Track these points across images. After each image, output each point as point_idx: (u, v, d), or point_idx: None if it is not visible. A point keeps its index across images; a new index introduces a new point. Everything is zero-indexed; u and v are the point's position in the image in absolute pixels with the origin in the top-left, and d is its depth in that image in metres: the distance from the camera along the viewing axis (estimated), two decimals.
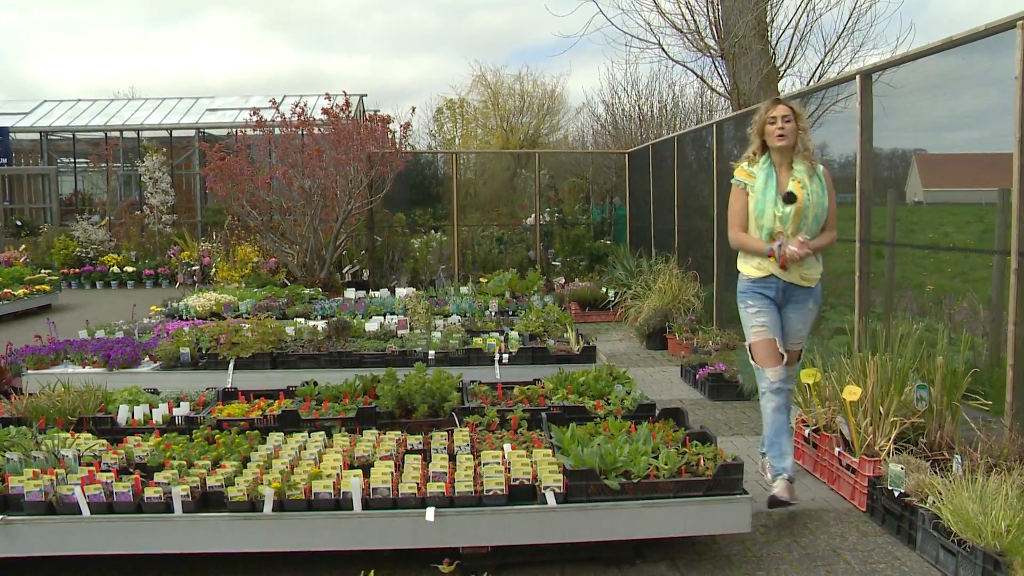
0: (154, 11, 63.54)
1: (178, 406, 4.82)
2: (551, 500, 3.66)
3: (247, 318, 8.61)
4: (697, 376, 6.88)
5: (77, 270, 15.72)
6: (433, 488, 3.64)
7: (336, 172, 11.20)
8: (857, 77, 5.74)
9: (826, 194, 4.40)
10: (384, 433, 4.37)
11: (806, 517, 4.43)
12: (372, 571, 3.34)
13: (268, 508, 3.58)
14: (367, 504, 3.62)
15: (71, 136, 20.18)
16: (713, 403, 6.62)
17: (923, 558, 3.88)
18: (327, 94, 11.54)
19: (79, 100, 21.26)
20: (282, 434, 4.37)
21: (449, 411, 4.68)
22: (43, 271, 13.55)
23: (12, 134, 19.16)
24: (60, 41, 61.46)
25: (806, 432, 5.13)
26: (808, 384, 5.06)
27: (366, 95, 12.72)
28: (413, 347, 6.61)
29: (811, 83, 9.71)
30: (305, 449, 4.13)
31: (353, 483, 3.59)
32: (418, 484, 3.66)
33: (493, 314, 8.39)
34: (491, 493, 3.66)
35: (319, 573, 3.75)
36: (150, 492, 3.60)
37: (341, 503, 3.63)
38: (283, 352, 6.56)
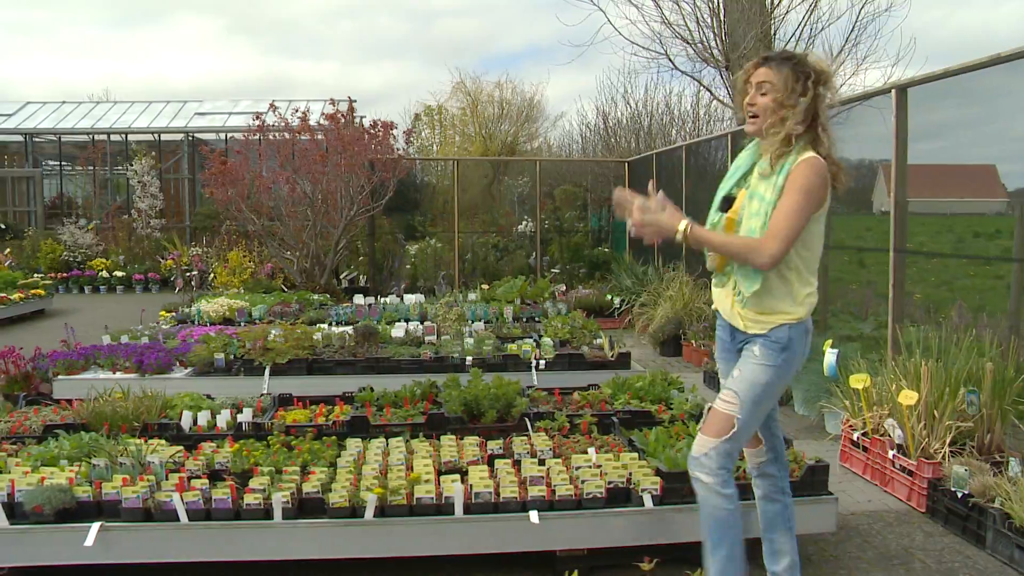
0: (119, 13, 62.53)
1: (240, 412, 4.79)
2: (648, 502, 3.73)
3: (259, 323, 8.57)
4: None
5: (65, 274, 15.41)
6: (534, 492, 3.69)
7: (339, 178, 11.16)
8: (893, 91, 5.90)
9: (775, 197, 2.86)
10: (461, 438, 4.40)
11: (867, 518, 4.55)
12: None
13: (370, 514, 3.59)
14: (468, 509, 3.65)
15: (56, 139, 19.78)
16: None
17: (995, 557, 4.00)
18: (332, 99, 11.50)
19: (63, 102, 20.85)
20: (359, 439, 4.37)
21: (518, 416, 4.71)
22: (35, 275, 13.28)
23: None
24: (22, 42, 60.15)
25: (854, 436, 5.26)
26: (857, 389, 5.21)
27: (355, 100, 12.67)
28: (449, 353, 6.63)
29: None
30: (389, 455, 4.14)
31: (456, 488, 3.62)
32: (517, 488, 3.70)
33: (513, 321, 8.44)
34: (590, 496, 3.72)
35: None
36: (249, 499, 3.59)
37: (442, 508, 3.65)
38: (319, 358, 6.53)
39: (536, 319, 8.76)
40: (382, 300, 9.95)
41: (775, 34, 9.89)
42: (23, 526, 3.55)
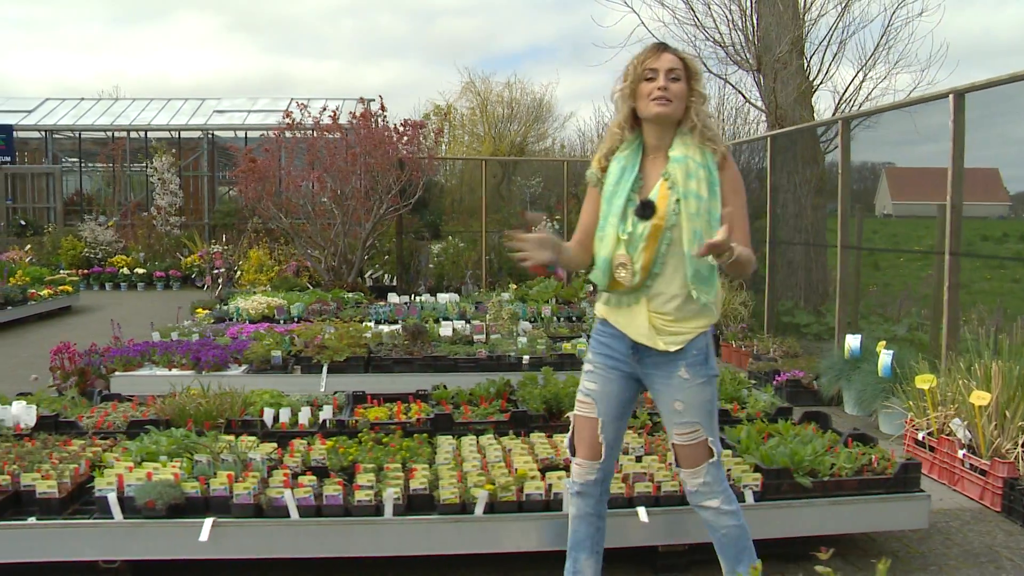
0: (120, 11, 62.42)
1: (320, 409, 4.83)
2: (750, 498, 3.79)
3: (299, 321, 8.60)
4: (775, 382, 7.06)
5: (86, 271, 15.36)
6: (640, 488, 3.74)
7: (369, 176, 11.20)
8: (951, 96, 5.97)
9: (718, 199, 2.79)
10: (550, 436, 4.44)
11: (943, 516, 4.61)
12: None
13: (480, 510, 3.63)
14: None
15: (76, 135, 19.71)
16: (794, 408, 6.80)
17: None
18: (361, 98, 11.53)
19: (82, 99, 20.81)
20: (450, 437, 4.41)
21: None
22: (62, 272, 13.26)
23: (15, 132, 18.66)
24: (25, 39, 59.98)
25: (919, 436, 5.34)
26: (922, 389, 5.29)
27: (374, 99, 12.70)
28: (505, 352, 6.67)
29: (850, 97, 10.05)
30: (485, 453, 4.18)
31: (564, 484, 3.66)
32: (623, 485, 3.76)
33: (560, 320, 8.51)
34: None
35: (523, 574, 3.80)
36: (360, 495, 3.62)
37: (550, 504, 3.69)
38: (376, 356, 6.57)
39: (574, 319, 8.82)
40: (417, 299, 9.99)
41: (807, 34, 9.98)
42: (136, 520, 3.57)
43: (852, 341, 6.58)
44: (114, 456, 4.09)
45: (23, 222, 17.63)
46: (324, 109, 11.64)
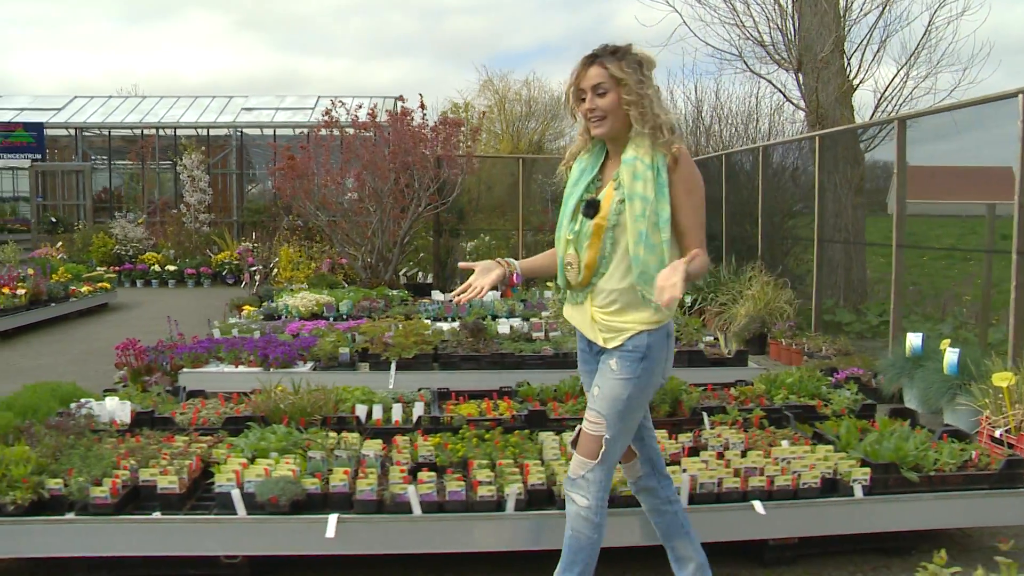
0: (130, 9, 62.52)
1: (411, 406, 4.88)
2: (859, 492, 3.84)
3: (347, 318, 8.65)
4: (833, 380, 7.10)
5: (117, 268, 15.40)
6: (754, 482, 3.79)
7: (407, 174, 11.25)
8: (1020, 96, 6.02)
9: (666, 200, 2.77)
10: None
11: None
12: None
13: None
14: (691, 499, 3.75)
15: (106, 133, 19.75)
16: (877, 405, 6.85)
17: None
18: (400, 96, 11.60)
19: (110, 96, 20.87)
20: (551, 433, 4.47)
21: (691, 409, 4.82)
22: (99, 269, 13.32)
23: (46, 130, 18.70)
24: (36, 37, 60.07)
25: (997, 433, 5.39)
26: (1000, 387, 5.34)
27: (400, 97, 12.79)
28: (572, 349, 6.71)
29: (890, 96, 10.10)
30: None
31: (683, 478, 3.72)
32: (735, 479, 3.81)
33: None
34: (805, 486, 3.83)
35: (636, 567, 3.86)
36: (483, 491, 3.68)
37: None
38: (444, 353, 6.62)
39: None
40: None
41: (847, 32, 10.03)
42: (260, 516, 3.62)
43: (914, 339, 6.63)
44: (223, 452, 4.14)
45: (54, 219, 17.69)
46: (360, 107, 11.68)
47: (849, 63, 10.15)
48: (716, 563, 3.87)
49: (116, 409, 4.84)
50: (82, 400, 4.86)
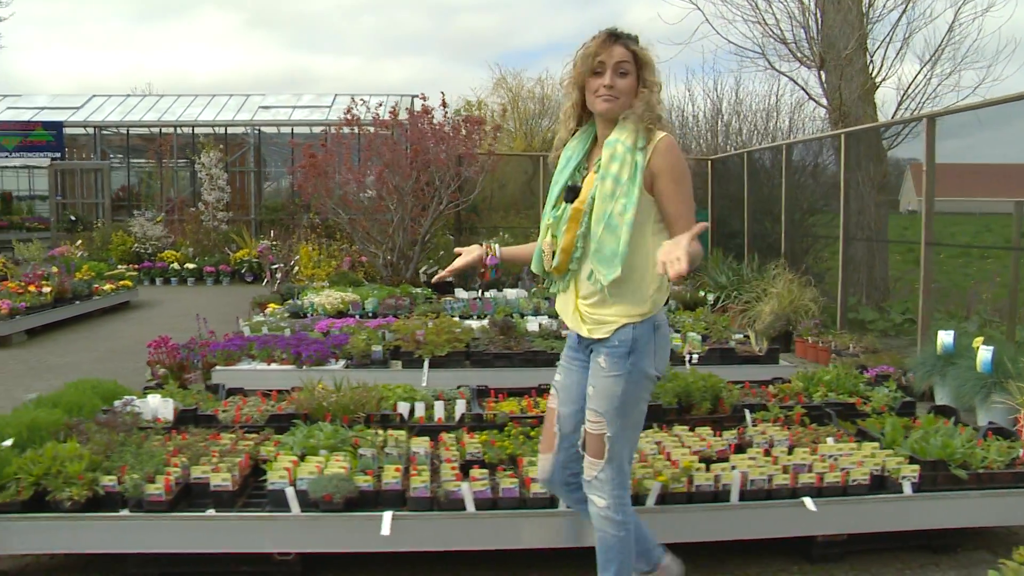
0: (141, 8, 62.79)
1: (452, 403, 4.90)
2: (908, 489, 3.86)
3: (373, 316, 8.69)
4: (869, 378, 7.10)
5: (136, 266, 15.46)
6: (804, 479, 3.81)
7: (428, 172, 11.27)
8: None
9: (637, 185, 2.72)
10: (692, 429, 4.51)
11: None
12: None
13: (651, 501, 3.71)
14: (741, 496, 3.77)
15: (124, 131, 19.82)
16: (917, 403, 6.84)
17: None
18: (422, 94, 11.61)
19: (128, 95, 20.95)
20: None
21: (732, 407, 4.84)
22: (121, 267, 13.38)
23: (64, 129, 18.78)
24: (47, 36, 60.37)
25: None
26: None
27: (417, 96, 12.80)
28: None
29: (913, 93, 10.08)
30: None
31: (734, 475, 3.75)
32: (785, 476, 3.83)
33: None
34: (855, 483, 3.85)
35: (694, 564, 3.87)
36: (536, 488, 3.69)
37: (719, 495, 3.77)
38: (476, 351, 6.64)
39: None
40: (485, 294, 10.07)
41: (870, 29, 10.02)
42: (314, 514, 3.64)
43: (945, 337, 6.63)
44: (271, 450, 4.17)
45: (73, 217, 17.76)
46: (380, 105, 11.71)
47: (872, 60, 10.14)
48: (764, 559, 3.92)
49: (159, 406, 4.87)
50: (127, 398, 4.90)
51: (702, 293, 10.46)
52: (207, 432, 4.48)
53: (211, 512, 3.67)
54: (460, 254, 3.23)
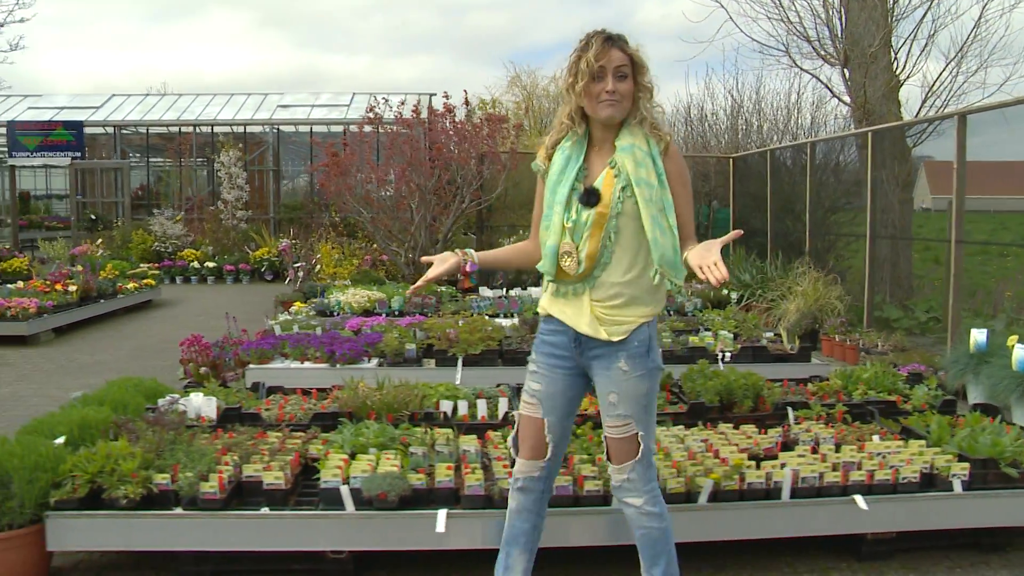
0: (153, 8, 63.08)
1: (494, 401, 4.92)
2: (958, 487, 3.87)
3: (400, 314, 8.72)
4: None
5: (157, 265, 15.54)
6: (855, 476, 3.82)
7: (448, 171, 11.31)
8: None
9: (667, 188, 2.80)
10: (737, 427, 4.52)
11: None
12: None
13: (704, 499, 3.72)
14: (793, 493, 3.78)
15: (144, 131, 19.92)
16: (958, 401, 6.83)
17: None
18: (445, 93, 11.65)
19: (147, 95, 21.07)
20: None
21: (773, 405, 4.85)
22: (143, 266, 13.47)
23: (85, 128, 18.87)
24: (59, 37, 60.71)
25: None
26: None
27: (435, 94, 12.87)
28: None
29: (932, 88, 10.05)
30: (683, 442, 4.27)
31: (786, 473, 3.76)
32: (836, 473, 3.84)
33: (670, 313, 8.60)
34: (905, 481, 3.86)
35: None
36: (590, 486, 3.72)
37: (770, 493, 3.78)
38: (509, 349, 6.66)
39: (672, 312, 8.90)
40: (512, 293, 10.09)
41: (893, 31, 10.00)
42: (369, 512, 3.66)
43: (978, 335, 6.62)
44: (319, 448, 4.20)
45: (93, 216, 17.85)
46: (403, 103, 11.74)
47: (896, 58, 10.11)
48: (813, 557, 3.93)
49: (202, 405, 4.90)
50: (172, 396, 4.93)
51: (725, 291, 10.45)
52: (253, 430, 4.50)
53: (266, 510, 3.69)
54: (429, 262, 3.09)
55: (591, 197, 2.80)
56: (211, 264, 15.80)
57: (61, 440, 4.07)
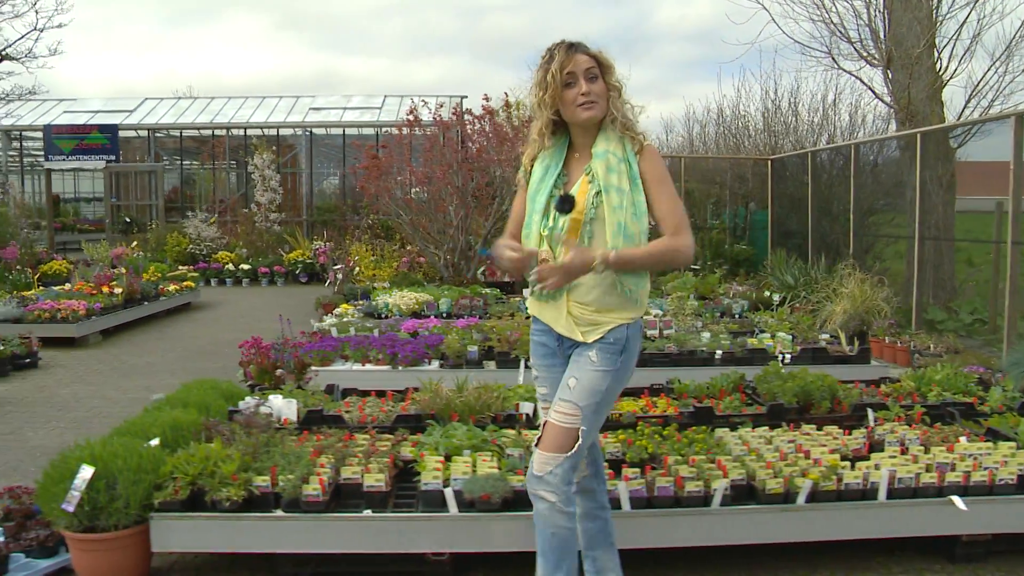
0: (172, 11, 63.50)
1: None
2: None
3: (448, 316, 8.76)
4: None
5: (192, 267, 15.64)
6: (951, 478, 3.84)
7: (489, 172, 11.36)
8: None
9: (640, 191, 2.84)
10: (820, 428, 4.55)
11: None
12: None
13: (802, 499, 3.75)
14: (888, 494, 3.80)
15: (177, 134, 20.05)
16: None
17: None
18: (485, 95, 11.69)
19: (180, 98, 21.26)
20: (726, 430, 4.53)
21: (851, 406, 4.88)
22: (181, 268, 13.58)
23: (120, 132, 19.03)
24: (78, 41, 61.15)
25: None
26: None
27: (466, 96, 12.92)
28: (697, 347, 6.78)
29: (976, 88, 10.03)
30: (770, 443, 4.30)
31: (883, 474, 3.79)
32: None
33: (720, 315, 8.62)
34: (1002, 483, 3.88)
35: (831, 563, 3.91)
36: (691, 487, 3.75)
37: (866, 493, 3.80)
38: None
39: (722, 313, 8.93)
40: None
41: (939, 26, 9.98)
42: (472, 514, 3.69)
43: None
44: (411, 450, 4.24)
45: (127, 219, 17.98)
46: (443, 106, 11.79)
47: (939, 58, 10.09)
48: (905, 559, 3.95)
49: (283, 407, 4.95)
50: (254, 399, 4.98)
51: (767, 293, 10.47)
52: (340, 432, 4.54)
53: (368, 512, 3.73)
54: (516, 249, 2.87)
55: (565, 204, 2.83)
56: (246, 266, 15.88)
57: (156, 442, 4.12)
